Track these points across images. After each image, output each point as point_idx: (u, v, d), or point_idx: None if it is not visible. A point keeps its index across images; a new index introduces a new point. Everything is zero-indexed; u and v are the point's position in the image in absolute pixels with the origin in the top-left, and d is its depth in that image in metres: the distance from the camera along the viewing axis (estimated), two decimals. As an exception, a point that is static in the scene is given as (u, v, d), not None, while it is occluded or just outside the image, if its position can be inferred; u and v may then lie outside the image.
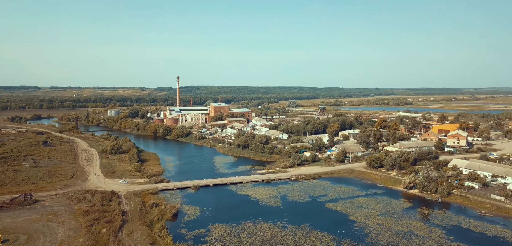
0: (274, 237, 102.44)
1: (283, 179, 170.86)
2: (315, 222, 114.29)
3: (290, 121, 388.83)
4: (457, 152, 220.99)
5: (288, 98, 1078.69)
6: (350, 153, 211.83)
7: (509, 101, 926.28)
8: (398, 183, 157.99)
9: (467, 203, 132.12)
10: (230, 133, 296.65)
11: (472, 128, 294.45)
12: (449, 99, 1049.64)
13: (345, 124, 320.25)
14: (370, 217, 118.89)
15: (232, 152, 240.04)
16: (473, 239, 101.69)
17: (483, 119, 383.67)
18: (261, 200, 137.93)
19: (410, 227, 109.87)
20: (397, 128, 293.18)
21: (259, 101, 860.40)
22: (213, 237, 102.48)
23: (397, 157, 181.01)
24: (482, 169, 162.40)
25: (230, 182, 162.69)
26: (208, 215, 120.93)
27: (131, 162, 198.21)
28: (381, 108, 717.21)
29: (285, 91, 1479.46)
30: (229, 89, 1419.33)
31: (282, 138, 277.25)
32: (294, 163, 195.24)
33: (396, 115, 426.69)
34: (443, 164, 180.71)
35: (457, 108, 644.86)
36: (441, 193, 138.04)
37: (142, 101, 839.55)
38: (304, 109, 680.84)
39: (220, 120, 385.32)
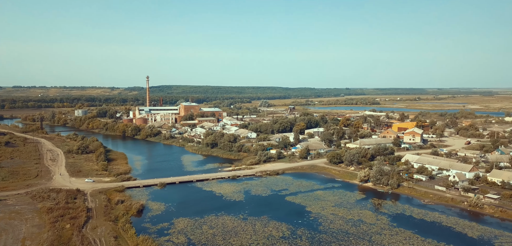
0: (234, 228, 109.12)
1: (249, 175, 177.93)
2: (274, 214, 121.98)
3: (260, 120, 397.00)
4: (412, 148, 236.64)
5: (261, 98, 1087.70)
6: (313, 150, 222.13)
7: (468, 101, 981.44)
8: (355, 177, 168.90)
9: (414, 194, 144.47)
10: (199, 132, 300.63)
11: (428, 125, 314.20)
12: (413, 99, 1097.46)
13: (311, 123, 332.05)
14: (325, 208, 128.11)
15: (201, 151, 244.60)
16: (413, 224, 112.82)
17: (440, 118, 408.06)
18: (225, 195, 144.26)
19: (360, 216, 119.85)
20: (360, 126, 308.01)
21: (231, 101, 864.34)
22: (176, 230, 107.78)
23: (356, 153, 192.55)
24: (430, 163, 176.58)
25: (197, 179, 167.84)
26: (173, 210, 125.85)
27: (98, 161, 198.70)
28: (349, 107, 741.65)
29: (258, 91, 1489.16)
30: (203, 89, 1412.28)
31: (251, 136, 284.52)
32: (260, 160, 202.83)
33: (361, 115, 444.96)
34: (397, 159, 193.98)
35: (420, 108, 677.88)
36: (392, 185, 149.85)
37: (111, 101, 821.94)
38: (275, 109, 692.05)
39: (190, 120, 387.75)
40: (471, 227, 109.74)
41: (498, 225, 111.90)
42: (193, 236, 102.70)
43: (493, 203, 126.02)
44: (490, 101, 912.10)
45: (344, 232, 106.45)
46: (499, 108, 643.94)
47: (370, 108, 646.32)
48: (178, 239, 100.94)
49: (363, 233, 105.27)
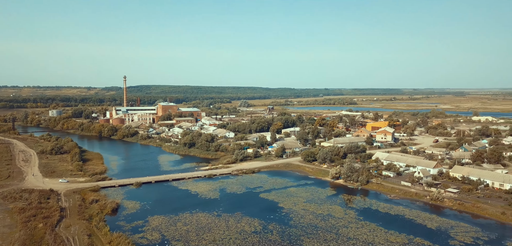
0: (208, 224, 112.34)
1: (225, 174, 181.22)
2: (247, 210, 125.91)
3: (239, 120, 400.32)
4: (384, 146, 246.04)
5: (241, 98, 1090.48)
6: (288, 148, 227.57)
7: (441, 101, 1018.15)
8: (327, 175, 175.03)
9: (382, 189, 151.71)
10: (177, 132, 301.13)
11: (400, 125, 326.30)
12: (389, 99, 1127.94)
13: (288, 122, 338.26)
14: (297, 204, 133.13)
15: (178, 151, 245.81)
16: (379, 217, 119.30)
17: (412, 117, 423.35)
18: (201, 194, 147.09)
19: (330, 211, 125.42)
20: (335, 125, 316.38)
21: (211, 101, 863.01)
22: (150, 227, 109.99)
23: (329, 151, 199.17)
24: (398, 160, 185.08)
25: (173, 178, 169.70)
26: (148, 209, 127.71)
27: (72, 162, 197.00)
28: (327, 107, 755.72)
29: (238, 91, 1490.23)
30: (182, 89, 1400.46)
31: (229, 136, 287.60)
32: (236, 159, 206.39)
33: (337, 114, 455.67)
34: (368, 156, 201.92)
35: (395, 108, 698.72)
36: (361, 181, 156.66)
37: (88, 101, 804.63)
38: (255, 109, 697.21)
39: (168, 120, 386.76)
40: (431, 219, 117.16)
41: (455, 217, 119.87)
42: (167, 233, 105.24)
43: (452, 196, 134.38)
44: (461, 102, 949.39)
45: (313, 226, 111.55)
46: (468, 108, 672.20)
47: (347, 108, 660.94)
48: (152, 236, 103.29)
49: (331, 227, 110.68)
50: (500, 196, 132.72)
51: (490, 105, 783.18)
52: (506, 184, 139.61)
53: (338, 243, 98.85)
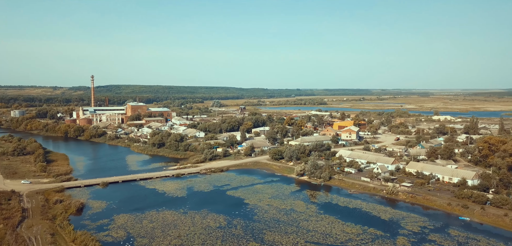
0: (174, 221, 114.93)
1: (193, 173, 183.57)
2: (213, 207, 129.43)
3: (210, 120, 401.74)
4: (348, 144, 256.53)
5: (214, 98, 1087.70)
6: (257, 147, 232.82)
7: (406, 101, 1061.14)
8: (293, 172, 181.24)
9: (343, 185, 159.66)
10: (146, 132, 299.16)
11: (365, 124, 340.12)
12: (358, 99, 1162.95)
13: (259, 122, 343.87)
14: (262, 200, 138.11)
15: (147, 151, 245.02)
16: (338, 211, 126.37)
17: (378, 117, 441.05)
18: (168, 192, 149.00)
19: (292, 206, 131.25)
20: (303, 125, 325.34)
21: (183, 101, 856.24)
22: (116, 225, 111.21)
23: (295, 150, 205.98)
24: (360, 157, 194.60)
25: (140, 178, 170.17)
26: (114, 208, 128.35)
27: (36, 163, 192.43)
28: (298, 107, 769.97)
29: (211, 91, 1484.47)
30: (153, 89, 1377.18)
31: (199, 136, 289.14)
32: (205, 158, 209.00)
33: (306, 114, 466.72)
34: (332, 154, 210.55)
35: (363, 107, 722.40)
36: (324, 177, 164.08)
37: (54, 101, 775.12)
38: (227, 109, 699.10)
39: (138, 120, 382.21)
40: (385, 211, 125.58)
41: (407, 209, 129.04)
42: (133, 230, 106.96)
43: (406, 190, 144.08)
44: (425, 102, 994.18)
45: (276, 220, 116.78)
46: (431, 108, 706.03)
47: (316, 108, 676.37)
48: (117, 233, 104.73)
49: (292, 220, 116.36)
50: (448, 189, 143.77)
51: (451, 105, 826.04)
52: (454, 178, 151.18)
53: (298, 235, 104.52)
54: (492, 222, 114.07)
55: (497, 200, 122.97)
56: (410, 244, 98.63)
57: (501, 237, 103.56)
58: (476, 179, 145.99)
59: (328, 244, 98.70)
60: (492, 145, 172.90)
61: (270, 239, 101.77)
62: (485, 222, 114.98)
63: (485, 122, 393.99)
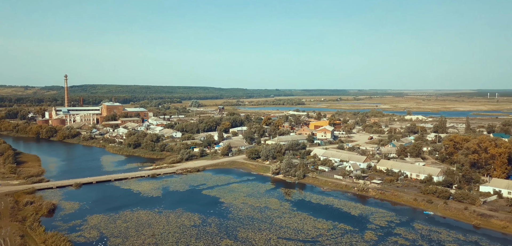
0: (148, 221, 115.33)
1: (169, 173, 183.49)
2: (189, 206, 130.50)
3: (188, 120, 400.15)
4: (323, 143, 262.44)
5: (192, 98, 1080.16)
6: (234, 147, 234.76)
7: (382, 101, 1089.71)
8: (268, 170, 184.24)
9: (316, 183, 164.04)
10: (121, 133, 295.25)
11: (340, 123, 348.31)
12: (335, 100, 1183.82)
13: (237, 122, 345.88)
14: (237, 198, 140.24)
15: (123, 151, 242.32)
16: (310, 208, 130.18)
17: (353, 117, 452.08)
18: (143, 192, 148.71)
19: (267, 204, 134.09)
20: (281, 125, 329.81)
21: (160, 101, 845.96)
22: (89, 225, 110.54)
23: (271, 149, 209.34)
24: (333, 156, 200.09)
25: (115, 178, 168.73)
26: (87, 208, 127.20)
27: (5, 164, 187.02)
28: (276, 108, 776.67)
29: (190, 91, 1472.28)
30: (131, 89, 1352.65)
31: (176, 136, 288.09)
32: (182, 158, 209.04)
33: (284, 114, 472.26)
34: (307, 153, 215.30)
35: (339, 107, 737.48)
36: (298, 176, 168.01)
37: (25, 101, 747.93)
38: (206, 109, 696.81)
39: (113, 120, 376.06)
40: (355, 207, 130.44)
41: (376, 204, 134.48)
42: (106, 230, 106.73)
43: (376, 187, 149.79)
44: (399, 102, 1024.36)
45: (250, 217, 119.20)
46: (404, 108, 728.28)
47: (294, 108, 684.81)
48: (90, 233, 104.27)
49: (266, 217, 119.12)
50: (416, 185, 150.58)
51: (423, 105, 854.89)
52: (421, 175, 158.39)
53: (271, 231, 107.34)
54: (454, 215, 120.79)
55: (459, 194, 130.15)
56: (376, 237, 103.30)
57: (461, 229, 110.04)
58: (441, 175, 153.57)
59: (299, 239, 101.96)
60: (456, 143, 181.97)
61: (244, 236, 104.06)
62: (448, 215, 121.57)
63: (454, 121, 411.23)
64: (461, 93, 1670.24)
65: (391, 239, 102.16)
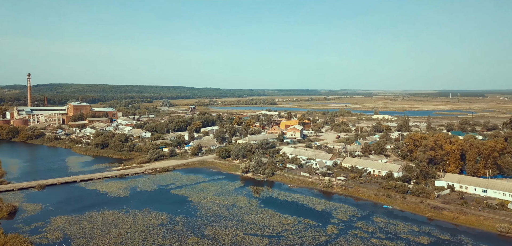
0: (115, 221, 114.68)
1: (137, 173, 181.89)
2: (156, 206, 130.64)
3: (158, 120, 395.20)
4: (293, 142, 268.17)
5: (164, 98, 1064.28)
6: (205, 146, 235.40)
7: (351, 101, 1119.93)
8: (238, 169, 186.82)
9: (284, 180, 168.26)
10: (89, 133, 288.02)
11: (309, 123, 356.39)
12: (307, 100, 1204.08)
13: (208, 122, 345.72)
14: (206, 197, 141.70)
15: (90, 152, 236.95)
16: (277, 204, 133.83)
17: (323, 116, 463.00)
18: (110, 193, 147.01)
19: (235, 201, 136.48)
20: (252, 124, 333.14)
21: (130, 101, 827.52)
22: (52, 227, 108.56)
23: (242, 148, 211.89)
24: (301, 154, 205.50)
25: (81, 179, 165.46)
26: (51, 210, 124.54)
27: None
28: (249, 107, 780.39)
29: (161, 91, 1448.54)
30: (99, 88, 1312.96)
31: (145, 136, 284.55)
32: (151, 158, 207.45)
33: (256, 114, 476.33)
34: (277, 151, 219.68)
35: (310, 107, 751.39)
36: (267, 174, 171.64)
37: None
38: (177, 109, 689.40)
39: (80, 120, 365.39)
40: (320, 203, 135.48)
41: (340, 200, 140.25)
42: (70, 232, 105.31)
43: (340, 183, 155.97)
44: (368, 102, 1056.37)
45: (217, 215, 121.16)
46: (372, 107, 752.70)
47: (266, 108, 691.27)
48: (53, 235, 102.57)
49: (233, 215, 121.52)
50: (377, 181, 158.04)
51: (390, 105, 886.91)
52: (383, 171, 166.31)
53: (238, 228, 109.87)
54: (410, 209, 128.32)
55: (416, 189, 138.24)
56: (338, 231, 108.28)
57: (416, 221, 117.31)
58: (401, 172, 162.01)
59: (264, 235, 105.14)
60: (416, 140, 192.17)
61: (211, 233, 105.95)
62: (405, 209, 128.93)
63: (417, 120, 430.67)
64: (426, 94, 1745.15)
65: (352, 232, 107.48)
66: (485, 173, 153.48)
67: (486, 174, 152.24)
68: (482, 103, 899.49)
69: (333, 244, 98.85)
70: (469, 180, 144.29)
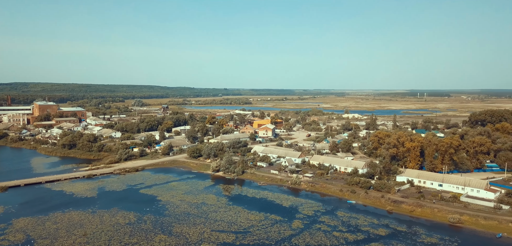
0: (80, 221, 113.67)
1: (106, 173, 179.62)
2: (124, 205, 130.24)
3: (129, 120, 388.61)
4: (264, 141, 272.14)
5: (136, 97, 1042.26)
6: (176, 146, 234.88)
7: (324, 100, 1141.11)
8: (210, 168, 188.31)
9: (254, 178, 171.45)
10: (56, 133, 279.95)
11: (281, 122, 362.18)
12: (281, 99, 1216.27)
13: (180, 121, 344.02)
14: (175, 196, 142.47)
15: (56, 152, 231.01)
16: (246, 201, 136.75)
17: (295, 115, 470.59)
18: (77, 193, 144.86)
19: (204, 200, 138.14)
20: (225, 123, 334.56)
21: (101, 101, 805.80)
22: (14, 229, 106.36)
23: (213, 147, 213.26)
24: (272, 152, 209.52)
25: (46, 180, 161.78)
26: (13, 212, 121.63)
27: None
28: (223, 107, 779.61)
29: (134, 90, 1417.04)
30: (69, 87, 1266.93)
31: (115, 136, 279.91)
32: (120, 158, 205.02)
33: (229, 113, 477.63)
34: (248, 150, 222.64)
35: (284, 107, 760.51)
36: (237, 172, 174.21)
37: None
38: (150, 108, 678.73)
39: (47, 120, 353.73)
40: (287, 199, 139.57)
41: (307, 196, 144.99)
42: (33, 233, 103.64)
43: (308, 180, 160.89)
44: (340, 101, 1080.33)
45: (186, 213, 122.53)
46: (343, 106, 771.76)
47: (241, 107, 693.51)
48: (15, 236, 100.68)
49: (202, 213, 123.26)
50: (343, 177, 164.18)
51: (361, 104, 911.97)
52: (349, 168, 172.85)
53: (205, 225, 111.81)
54: (372, 203, 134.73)
55: (378, 184, 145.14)
56: (303, 225, 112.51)
57: (376, 214, 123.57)
58: (365, 168, 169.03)
59: (232, 231, 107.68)
60: (380, 138, 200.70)
61: (178, 231, 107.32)
62: (367, 203, 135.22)
63: (385, 119, 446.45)
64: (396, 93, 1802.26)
65: (316, 226, 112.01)
66: (442, 168, 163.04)
67: (443, 169, 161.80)
68: (447, 103, 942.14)
69: (297, 238, 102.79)
70: (427, 175, 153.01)
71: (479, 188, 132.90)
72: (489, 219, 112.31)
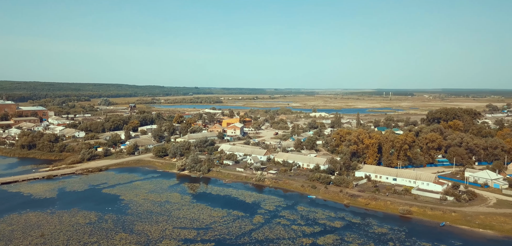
0: (38, 222, 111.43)
1: (68, 173, 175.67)
2: (85, 205, 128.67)
3: (95, 119, 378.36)
4: (233, 139, 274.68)
5: (103, 96, 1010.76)
6: (142, 145, 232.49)
7: (294, 100, 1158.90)
8: (175, 167, 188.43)
9: (220, 176, 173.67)
10: (14, 133, 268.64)
11: (250, 120, 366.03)
12: (252, 98, 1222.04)
13: (147, 120, 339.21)
14: (138, 195, 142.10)
15: (14, 153, 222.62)
16: (210, 199, 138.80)
17: (264, 114, 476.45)
18: (35, 194, 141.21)
19: (168, 198, 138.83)
20: (194, 122, 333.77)
21: (65, 100, 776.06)
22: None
23: (179, 146, 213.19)
24: (238, 150, 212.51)
25: (2, 182, 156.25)
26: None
27: None
28: (193, 106, 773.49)
29: (101, 89, 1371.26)
30: (30, 86, 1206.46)
31: (79, 135, 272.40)
32: (83, 158, 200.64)
33: (198, 112, 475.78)
34: (215, 149, 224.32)
35: (254, 106, 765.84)
36: (203, 170, 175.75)
37: None
38: (116, 107, 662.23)
39: (5, 120, 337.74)
40: (251, 196, 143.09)
41: (270, 192, 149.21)
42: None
43: (272, 177, 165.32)
44: (309, 100, 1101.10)
45: (149, 212, 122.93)
46: (312, 105, 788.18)
47: (211, 106, 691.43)
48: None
49: (165, 211, 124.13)
50: (306, 174, 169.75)
51: (329, 103, 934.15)
52: (311, 164, 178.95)
53: (168, 222, 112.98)
54: (331, 197, 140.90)
55: (337, 180, 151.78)
56: (263, 220, 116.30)
57: (334, 208, 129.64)
58: (326, 164, 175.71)
59: (194, 227, 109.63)
60: (341, 136, 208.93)
61: (140, 229, 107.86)
62: (327, 198, 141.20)
63: (351, 117, 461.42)
64: (363, 92, 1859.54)
65: (276, 220, 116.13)
66: (397, 164, 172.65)
67: (398, 165, 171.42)
68: (410, 101, 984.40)
69: (257, 232, 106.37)
70: (383, 170, 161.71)
71: (429, 181, 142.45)
72: (435, 210, 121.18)
